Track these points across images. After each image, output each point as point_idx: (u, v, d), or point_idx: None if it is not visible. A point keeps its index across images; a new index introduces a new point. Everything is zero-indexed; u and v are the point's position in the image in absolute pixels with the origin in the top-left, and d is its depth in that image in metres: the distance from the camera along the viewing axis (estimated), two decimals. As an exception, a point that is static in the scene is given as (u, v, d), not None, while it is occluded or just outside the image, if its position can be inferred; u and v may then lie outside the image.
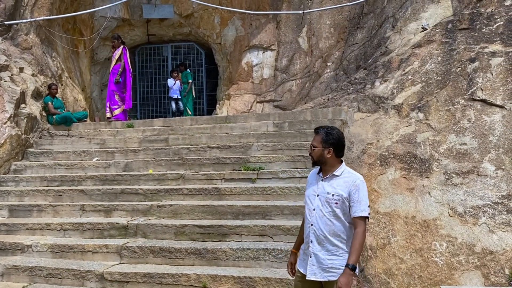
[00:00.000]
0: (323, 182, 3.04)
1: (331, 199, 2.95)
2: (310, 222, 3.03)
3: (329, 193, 2.96)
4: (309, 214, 3.05)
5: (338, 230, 2.94)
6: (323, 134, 3.05)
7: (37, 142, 8.12)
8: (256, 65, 11.36)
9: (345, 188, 2.95)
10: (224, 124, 7.80)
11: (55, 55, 9.90)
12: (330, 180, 3.02)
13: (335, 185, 2.98)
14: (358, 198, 2.93)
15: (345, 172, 3.05)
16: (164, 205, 5.78)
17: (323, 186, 3.01)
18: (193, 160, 6.78)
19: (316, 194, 3.02)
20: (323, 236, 2.95)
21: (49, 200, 6.49)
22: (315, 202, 3.01)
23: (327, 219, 2.95)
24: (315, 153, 3.07)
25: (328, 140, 3.02)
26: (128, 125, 8.55)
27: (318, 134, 3.07)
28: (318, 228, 2.97)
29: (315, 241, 2.98)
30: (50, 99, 8.72)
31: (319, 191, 3.02)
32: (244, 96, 11.38)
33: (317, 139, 3.06)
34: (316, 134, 3.10)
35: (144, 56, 13.07)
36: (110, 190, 6.30)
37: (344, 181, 2.98)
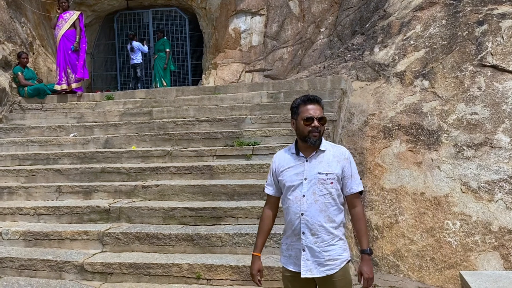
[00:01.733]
0: (308, 162, 2.53)
1: (325, 180, 2.49)
2: (299, 212, 2.52)
3: (321, 173, 2.49)
4: (296, 203, 2.53)
5: (333, 215, 2.51)
6: (322, 102, 2.59)
7: (7, 117, 7.40)
8: (244, 31, 10.64)
9: (337, 164, 2.53)
10: (213, 95, 7.19)
11: (25, 20, 9.02)
12: (317, 158, 2.53)
13: (325, 163, 2.52)
14: (351, 172, 2.57)
15: (327, 145, 2.59)
16: (150, 186, 5.22)
17: (310, 167, 2.52)
18: (180, 135, 6.19)
19: (303, 178, 2.52)
20: (318, 225, 2.49)
21: (21, 181, 5.85)
22: (304, 187, 2.51)
23: (321, 203, 2.49)
24: (323, 127, 2.54)
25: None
26: (107, 97, 7.86)
27: (320, 104, 2.56)
28: (311, 217, 2.49)
29: (308, 233, 2.50)
30: (20, 69, 7.93)
31: (307, 173, 2.52)
32: (232, 65, 10.70)
33: (321, 109, 2.54)
34: (317, 104, 2.54)
35: (123, 23, 12.20)
36: (89, 169, 5.69)
37: (333, 155, 2.54)
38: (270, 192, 2.71)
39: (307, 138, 2.49)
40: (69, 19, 8.20)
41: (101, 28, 12.32)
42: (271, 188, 2.70)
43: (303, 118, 2.50)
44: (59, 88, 8.09)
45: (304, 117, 2.49)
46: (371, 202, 5.44)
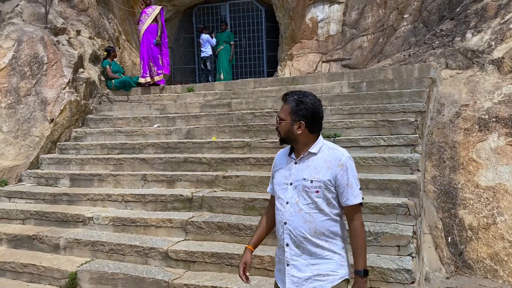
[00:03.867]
0: (297, 165, 2.28)
1: (309, 187, 2.20)
2: (283, 220, 2.27)
3: (306, 179, 2.22)
4: (281, 210, 2.28)
5: (321, 227, 2.20)
6: (292, 102, 2.26)
7: (96, 108, 7.83)
8: (322, 20, 10.35)
9: (327, 170, 2.21)
10: (291, 86, 7.05)
11: (112, 16, 9.50)
12: (306, 161, 2.26)
13: (312, 168, 2.24)
14: (348, 181, 2.20)
15: (324, 148, 2.28)
16: (230, 176, 5.23)
17: (297, 170, 2.27)
18: (258, 127, 6.14)
19: (289, 183, 2.27)
20: (302, 237, 2.21)
21: (109, 169, 6.17)
22: (288, 193, 2.27)
23: (306, 213, 2.21)
24: (282, 127, 2.28)
25: (298, 111, 2.23)
26: (188, 89, 8.04)
27: (287, 102, 2.29)
28: (294, 228, 2.22)
29: (292, 245, 2.24)
30: (108, 62, 8.36)
31: (293, 178, 2.27)
32: (308, 55, 10.48)
33: (285, 109, 2.27)
34: (284, 103, 2.30)
35: (201, 17, 12.44)
36: (172, 159, 5.84)
37: (324, 160, 2.24)
38: (269, 190, 2.52)
39: None
40: (151, 14, 8.47)
41: (180, 22, 12.67)
42: (270, 186, 2.51)
43: None
44: (143, 81, 8.42)
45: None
46: (464, 200, 5.01)
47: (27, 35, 7.24)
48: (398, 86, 6.16)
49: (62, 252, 4.82)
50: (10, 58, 6.98)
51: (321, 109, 2.28)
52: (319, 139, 2.29)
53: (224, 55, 10.99)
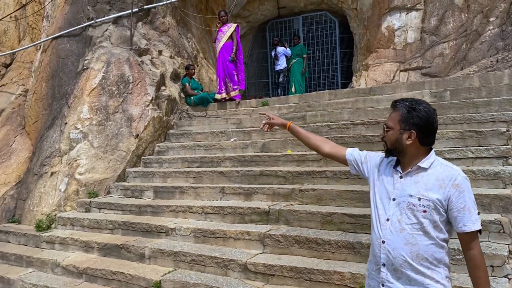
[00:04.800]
0: (402, 179, 2.08)
1: (416, 206, 2.00)
2: (380, 237, 2.08)
3: (413, 196, 2.01)
4: (379, 226, 2.10)
5: (425, 252, 1.99)
6: (403, 109, 2.06)
7: (177, 123, 8.21)
8: (399, 28, 10.02)
9: (439, 189, 1.98)
10: (368, 97, 6.89)
11: (190, 36, 9.96)
12: (414, 176, 2.05)
13: (422, 184, 2.01)
14: (464, 204, 1.95)
15: (436, 163, 2.05)
16: (307, 189, 5.19)
17: (402, 185, 2.07)
18: (335, 139, 6.03)
19: (391, 198, 2.08)
20: (402, 260, 2.00)
21: (190, 181, 6.41)
22: (390, 208, 2.07)
23: (408, 234, 2.00)
24: (389, 136, 2.10)
25: (409, 119, 2.03)
26: (263, 103, 8.16)
27: (396, 109, 2.10)
28: (393, 248, 2.03)
29: (389, 266, 2.05)
30: (187, 80, 8.75)
31: (396, 193, 2.07)
32: (384, 65, 10.17)
33: (394, 116, 2.09)
34: (393, 110, 2.12)
35: (275, 31, 12.63)
36: (249, 172, 5.94)
37: (436, 177, 2.00)
38: (349, 157, 2.42)
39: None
40: (227, 32, 8.76)
41: (254, 38, 12.96)
42: (354, 164, 2.40)
43: None
44: (219, 97, 8.69)
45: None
46: None
47: (114, 57, 7.82)
48: (486, 94, 5.76)
49: (147, 261, 5.06)
50: (100, 79, 7.56)
51: (436, 119, 2.09)
52: (431, 153, 2.09)
53: (297, 68, 11.06)
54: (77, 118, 7.26)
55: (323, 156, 2.60)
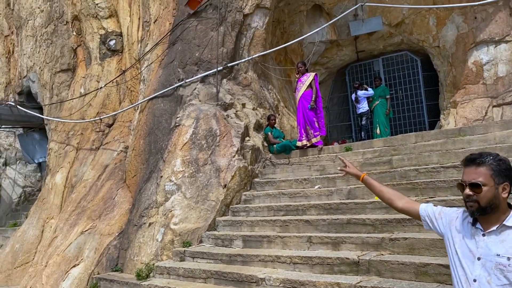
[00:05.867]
0: (486, 237, 1.99)
1: (505, 266, 1.90)
2: None
3: (501, 255, 1.92)
4: (464, 286, 2.02)
5: None
6: (492, 163, 1.99)
7: (261, 172, 8.45)
8: (487, 62, 9.56)
9: None
10: (457, 138, 6.60)
11: (271, 87, 10.38)
12: (499, 235, 1.96)
13: (509, 243, 1.93)
14: None
15: None
16: (398, 238, 5.02)
17: (486, 244, 1.98)
18: (424, 184, 5.83)
19: (477, 257, 1.99)
20: None
21: (276, 230, 6.50)
22: (476, 268, 1.98)
23: None
24: (484, 195, 1.98)
25: (502, 172, 1.98)
26: (346, 149, 8.14)
27: (483, 164, 2.00)
28: None
29: None
30: (269, 129, 9.06)
31: (482, 252, 1.98)
32: (474, 101, 9.67)
33: (484, 172, 1.99)
34: (476, 165, 2.02)
35: (354, 75, 12.69)
36: (335, 220, 5.90)
37: None
38: (423, 212, 2.38)
39: (467, 208, 2.04)
40: (306, 81, 9.03)
41: (333, 82, 13.12)
42: (428, 220, 2.35)
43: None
44: (301, 144, 8.85)
45: (458, 182, 2.07)
46: None
47: (203, 112, 8.39)
48: None
49: (238, 311, 5.16)
50: (190, 134, 8.13)
51: None
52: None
53: (380, 109, 10.94)
54: (171, 171, 7.81)
55: (397, 211, 2.59)
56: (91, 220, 8.83)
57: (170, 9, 10.11)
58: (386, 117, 10.92)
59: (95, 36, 12.16)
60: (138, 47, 10.94)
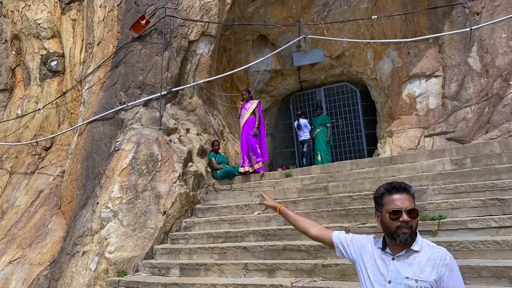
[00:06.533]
0: (395, 261, 2.12)
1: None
2: None
3: (409, 278, 2.05)
4: None
5: None
6: (412, 191, 2.18)
7: (203, 198, 8.40)
8: (419, 95, 10.20)
9: (432, 270, 2.05)
10: (389, 166, 6.92)
11: (216, 113, 10.45)
12: (407, 259, 2.10)
13: (416, 266, 2.07)
14: (454, 283, 2.04)
15: (424, 245, 2.14)
16: (330, 264, 5.14)
17: (396, 268, 2.11)
18: (357, 210, 6.04)
19: (387, 281, 2.10)
20: None
21: (214, 258, 6.44)
22: None
23: None
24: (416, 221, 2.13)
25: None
26: (286, 175, 8.29)
27: (410, 192, 2.16)
28: None
29: None
30: (213, 155, 9.07)
31: (392, 275, 2.10)
32: (408, 131, 10.23)
33: (412, 200, 2.14)
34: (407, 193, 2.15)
35: (298, 103, 13.06)
36: (272, 247, 5.95)
37: (428, 258, 2.08)
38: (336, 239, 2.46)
39: (395, 235, 2.11)
40: (250, 108, 9.18)
41: (278, 110, 13.42)
42: (341, 247, 2.43)
43: (388, 210, 2.13)
44: (243, 170, 8.92)
45: (390, 210, 2.12)
46: None
47: (144, 137, 8.28)
48: (507, 160, 5.71)
49: None
50: (130, 159, 7.97)
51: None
52: (418, 235, 2.18)
53: (321, 137, 11.30)
54: (108, 198, 7.58)
55: (312, 239, 2.67)
56: (21, 249, 8.33)
57: (115, 32, 10.03)
58: (327, 144, 11.28)
59: (35, 56, 11.78)
60: (80, 68, 10.71)
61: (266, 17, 11.45)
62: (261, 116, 9.25)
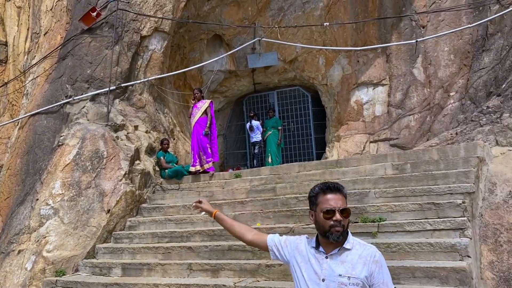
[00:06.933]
0: (328, 260, 2.18)
1: (346, 285, 2.10)
2: None
3: (342, 275, 2.12)
4: None
5: None
6: (345, 191, 2.27)
7: (150, 197, 8.24)
8: (367, 102, 10.56)
9: (363, 267, 2.13)
10: (335, 169, 7.10)
11: (167, 111, 10.29)
12: (340, 257, 2.17)
13: (348, 264, 2.15)
14: (383, 278, 2.13)
15: (355, 243, 2.22)
16: (273, 264, 5.19)
17: (329, 266, 2.16)
18: (302, 211, 6.15)
19: (321, 279, 2.15)
20: None
21: (159, 258, 6.33)
22: None
23: None
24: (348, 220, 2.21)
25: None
26: (236, 175, 8.30)
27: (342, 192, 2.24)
28: None
29: None
30: (162, 154, 8.92)
31: (326, 273, 2.15)
32: (355, 136, 10.57)
33: (345, 200, 2.23)
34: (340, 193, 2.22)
35: (251, 105, 13.12)
36: (217, 247, 5.93)
37: (359, 255, 2.16)
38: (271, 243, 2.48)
39: (328, 233, 2.17)
40: (201, 107, 9.10)
41: (232, 111, 13.42)
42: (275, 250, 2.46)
43: (322, 210, 2.18)
44: (194, 169, 8.84)
45: (324, 209, 2.17)
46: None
47: (90, 132, 8.01)
48: (444, 166, 6.02)
49: None
50: (74, 155, 7.68)
51: None
52: (349, 234, 2.25)
53: (273, 139, 11.41)
54: (49, 194, 7.26)
55: (247, 244, 2.67)
56: (-51, 247, 7.78)
57: (63, 22, 9.65)
58: (278, 147, 11.41)
59: (-25, 42, 11.10)
60: (25, 59, 10.21)
61: (221, 17, 11.44)
62: (212, 116, 9.21)
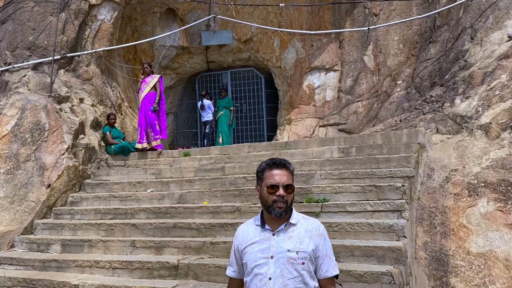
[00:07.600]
0: (276, 237, 2.18)
1: (295, 259, 2.12)
2: None
3: (290, 250, 2.13)
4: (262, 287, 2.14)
5: None
6: (291, 168, 2.26)
7: (94, 173, 7.97)
8: (318, 87, 10.71)
9: (310, 240, 2.16)
10: (283, 151, 7.18)
11: (115, 85, 9.93)
12: (286, 233, 2.18)
13: (295, 239, 2.16)
14: (327, 251, 2.20)
15: (300, 218, 2.25)
16: (218, 242, 5.20)
17: (277, 243, 2.16)
18: (250, 191, 6.19)
19: (269, 256, 2.15)
20: None
21: (101, 234, 6.17)
22: (270, 268, 2.13)
23: None
24: (292, 196, 2.21)
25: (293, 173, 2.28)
26: (185, 154, 8.19)
27: (289, 169, 2.23)
28: None
29: None
30: (108, 129, 8.62)
31: (273, 250, 2.15)
32: (305, 120, 10.73)
33: (290, 176, 2.22)
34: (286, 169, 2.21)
35: (204, 84, 12.94)
36: (162, 224, 5.85)
37: (305, 230, 2.19)
38: (232, 273, 2.35)
39: (271, 208, 2.16)
40: (150, 82, 8.84)
41: (184, 89, 13.17)
42: (232, 269, 2.35)
43: (266, 184, 2.18)
44: (140, 146, 8.62)
45: (268, 184, 2.17)
46: (455, 268, 4.90)
47: (31, 103, 7.58)
48: (387, 151, 6.25)
49: (43, 321, 4.72)
50: (12, 126, 7.26)
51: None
52: (293, 210, 2.25)
53: (224, 120, 11.35)
54: (-17, 166, 6.84)
55: None
56: None
57: (3, -16, 8.98)
58: (229, 127, 11.37)
59: None
60: (-42, 20, 9.42)
61: (176, -10, 11.11)
62: (162, 91, 8.97)
